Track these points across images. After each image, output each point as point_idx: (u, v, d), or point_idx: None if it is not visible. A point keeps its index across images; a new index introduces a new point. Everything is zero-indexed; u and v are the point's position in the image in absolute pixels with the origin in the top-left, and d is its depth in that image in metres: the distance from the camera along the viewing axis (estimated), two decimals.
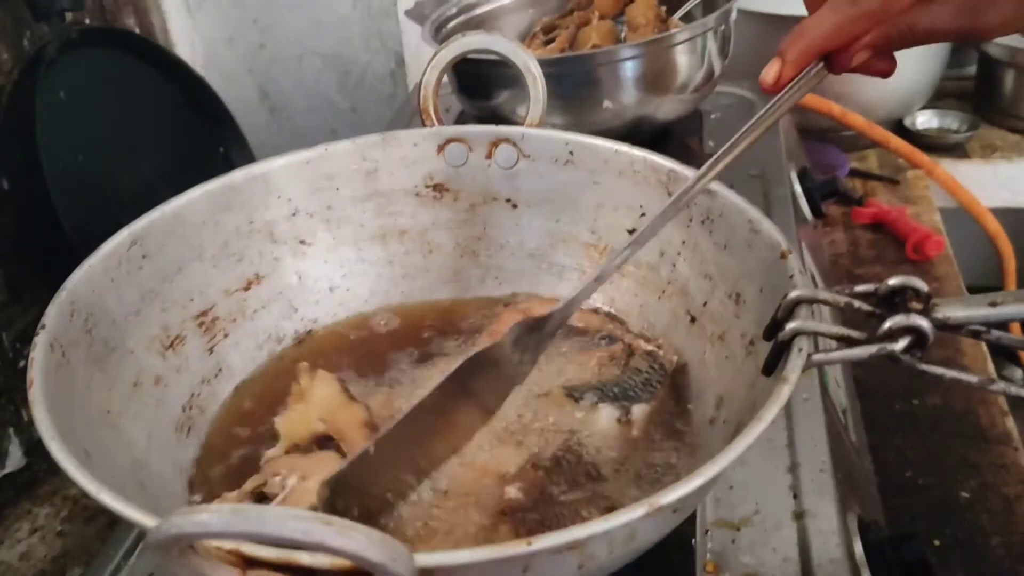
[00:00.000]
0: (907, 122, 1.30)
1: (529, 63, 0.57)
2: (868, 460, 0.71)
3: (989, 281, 1.21)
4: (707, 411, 0.49)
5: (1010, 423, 0.83)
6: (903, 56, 1.33)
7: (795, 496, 0.52)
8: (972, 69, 1.37)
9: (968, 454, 0.80)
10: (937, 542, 0.73)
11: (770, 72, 0.48)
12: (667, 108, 0.82)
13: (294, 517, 0.26)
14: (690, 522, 0.50)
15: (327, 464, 0.46)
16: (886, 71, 0.49)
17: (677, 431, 0.50)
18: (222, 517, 0.26)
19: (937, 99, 1.34)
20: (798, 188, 0.88)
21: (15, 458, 0.86)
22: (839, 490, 0.53)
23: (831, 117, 1.16)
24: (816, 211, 0.88)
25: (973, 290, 1.05)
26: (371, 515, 0.43)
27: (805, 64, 0.47)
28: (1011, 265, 1.24)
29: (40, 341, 0.42)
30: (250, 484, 0.47)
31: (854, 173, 1.23)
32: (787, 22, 1.17)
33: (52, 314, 0.44)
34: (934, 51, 1.26)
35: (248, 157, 1.11)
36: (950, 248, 1.09)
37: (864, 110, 1.19)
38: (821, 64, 0.47)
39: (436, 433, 0.47)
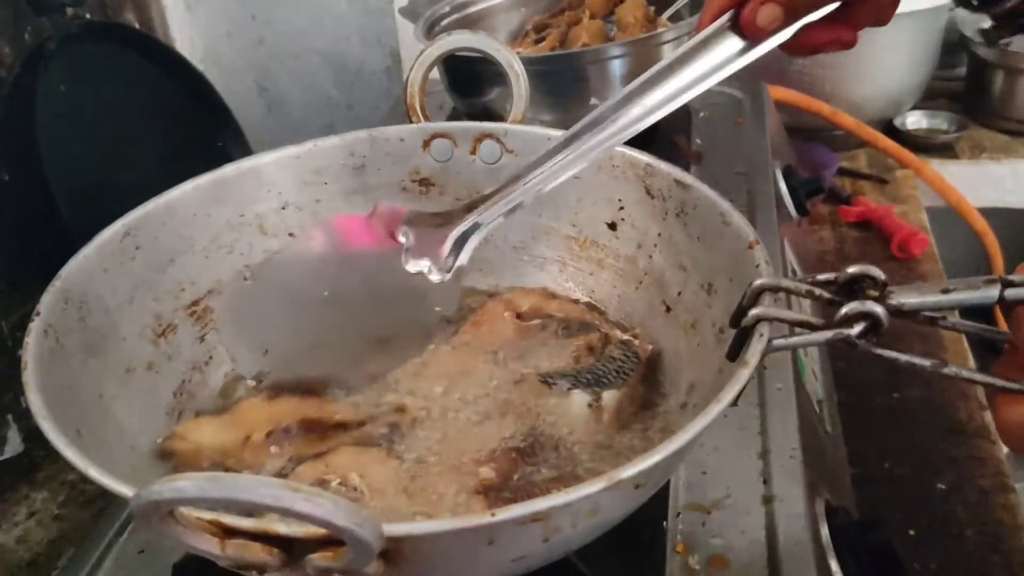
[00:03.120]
0: (897, 122, 1.31)
1: (512, 61, 0.59)
2: (842, 450, 0.73)
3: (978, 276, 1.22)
4: (679, 396, 0.51)
5: (987, 417, 0.84)
6: (893, 56, 1.35)
7: (765, 481, 0.54)
8: (962, 70, 1.39)
9: (946, 447, 0.82)
10: (912, 532, 0.74)
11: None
12: None
13: (264, 484, 0.28)
14: (662, 505, 0.52)
15: (361, 457, 0.48)
16: (823, 42, 0.49)
17: (649, 415, 0.51)
18: (197, 484, 0.28)
19: (927, 100, 1.35)
20: (783, 186, 0.89)
21: (14, 444, 0.88)
22: (807, 476, 0.54)
23: (821, 117, 1.18)
24: (800, 209, 0.90)
25: None
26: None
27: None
28: (998, 262, 1.26)
29: (35, 327, 0.44)
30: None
31: (843, 172, 1.24)
32: None
33: (47, 302, 0.46)
34: (925, 51, 1.28)
35: (245, 151, 1.12)
36: (935, 246, 1.11)
37: (854, 110, 1.21)
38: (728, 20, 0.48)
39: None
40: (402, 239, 0.52)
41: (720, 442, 0.57)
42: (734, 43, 0.49)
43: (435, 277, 0.52)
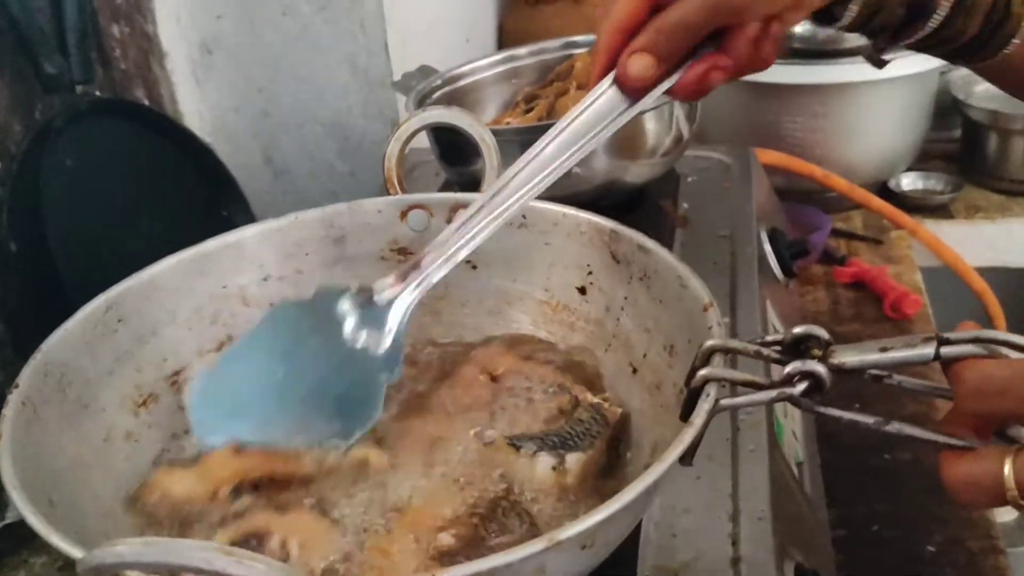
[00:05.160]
0: (892, 184, 1.33)
1: (484, 135, 0.61)
2: (823, 512, 0.73)
3: None
4: (643, 458, 0.52)
5: None
6: (886, 118, 1.37)
7: (733, 543, 0.54)
8: (957, 132, 1.41)
9: (936, 509, 0.81)
10: None
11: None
12: (637, 172, 0.86)
13: (197, 548, 0.29)
14: (630, 566, 0.53)
15: (312, 527, 0.49)
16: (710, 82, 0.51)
17: (614, 477, 0.52)
18: (134, 548, 0.29)
19: (922, 161, 1.37)
20: (768, 248, 0.90)
21: (15, 509, 0.89)
22: (777, 538, 0.55)
23: (813, 180, 1.19)
24: (786, 271, 0.91)
25: None
26: None
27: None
28: (1000, 322, 1.26)
29: (13, 399, 0.46)
30: (223, 538, 0.48)
31: (838, 233, 1.26)
32: (756, 88, 1.22)
33: (27, 374, 0.48)
34: (917, 115, 1.30)
35: (250, 219, 1.15)
36: (930, 307, 1.11)
37: (848, 172, 1.23)
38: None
39: None
40: (342, 317, 0.53)
41: (691, 504, 0.57)
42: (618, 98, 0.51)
43: (377, 350, 0.53)
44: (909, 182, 1.35)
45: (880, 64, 0.59)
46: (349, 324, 0.52)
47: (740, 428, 0.62)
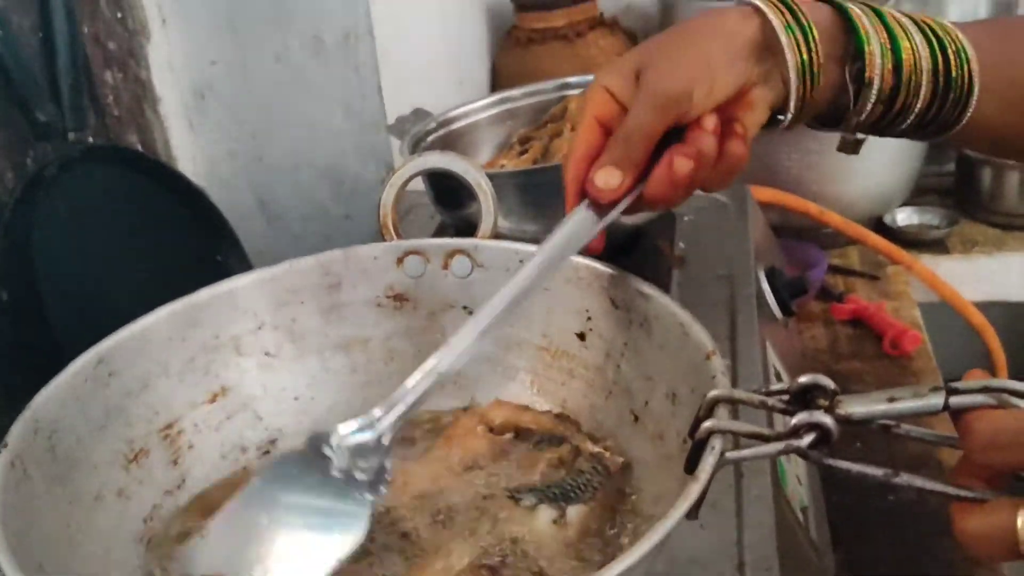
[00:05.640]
0: (887, 219, 1.33)
1: (480, 179, 0.61)
2: (829, 557, 0.72)
3: None
4: (646, 508, 0.51)
5: None
6: (880, 154, 1.37)
7: None
8: (951, 166, 1.41)
9: (942, 551, 0.80)
10: None
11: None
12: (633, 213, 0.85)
13: None
14: None
15: None
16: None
17: (617, 529, 0.51)
18: None
19: (917, 196, 1.37)
20: (766, 287, 0.90)
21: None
22: None
23: (808, 216, 1.19)
24: (786, 310, 0.90)
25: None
26: None
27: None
28: (1000, 356, 1.25)
29: (1, 460, 0.45)
30: None
31: (834, 269, 1.25)
32: None
33: (15, 433, 0.47)
34: (911, 149, 1.30)
35: (245, 264, 1.14)
36: (929, 343, 1.11)
37: (843, 208, 1.23)
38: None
39: None
40: (331, 456, 0.49)
41: (697, 554, 0.56)
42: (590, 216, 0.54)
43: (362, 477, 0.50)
44: (904, 217, 1.35)
45: (855, 149, 0.60)
46: (338, 465, 0.50)
47: (744, 474, 0.61)
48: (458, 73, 1.51)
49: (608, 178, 0.52)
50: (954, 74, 0.54)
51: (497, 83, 1.60)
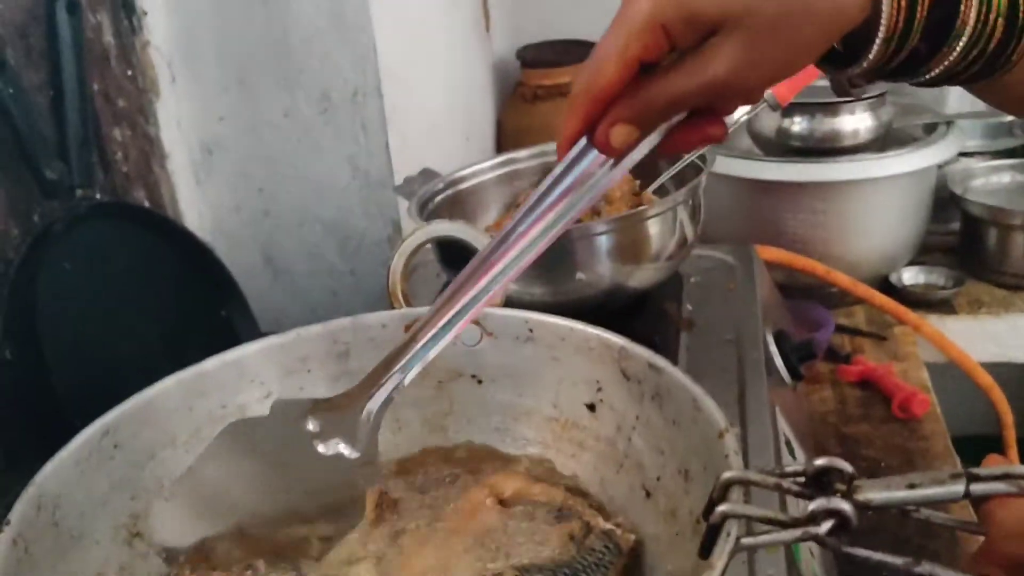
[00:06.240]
0: (893, 278, 1.32)
1: None
2: None
3: (982, 431, 1.21)
4: None
5: None
6: (886, 213, 1.37)
7: None
8: (956, 225, 1.41)
9: None
10: None
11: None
12: (641, 276, 0.85)
13: None
14: None
15: None
16: (692, 141, 0.47)
17: None
18: None
19: (923, 254, 1.37)
20: (774, 350, 0.89)
21: None
22: None
23: (815, 276, 1.19)
24: (794, 374, 0.90)
25: (963, 444, 1.05)
26: None
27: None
28: (1008, 418, 1.24)
29: (3, 538, 0.44)
30: None
31: (841, 329, 1.25)
32: (757, 185, 1.23)
33: (19, 510, 0.46)
34: (917, 210, 1.30)
35: (249, 319, 1.14)
36: (937, 404, 1.10)
37: (849, 267, 1.23)
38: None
39: None
40: (310, 427, 0.51)
41: None
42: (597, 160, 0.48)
43: (352, 454, 0.51)
44: (911, 276, 1.35)
45: (847, 92, 0.54)
46: (316, 434, 0.51)
47: (758, 550, 0.60)
48: (464, 129, 1.52)
49: (626, 135, 0.45)
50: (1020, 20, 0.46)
51: (502, 139, 1.61)
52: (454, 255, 0.88)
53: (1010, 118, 1.53)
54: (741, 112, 1.17)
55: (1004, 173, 1.43)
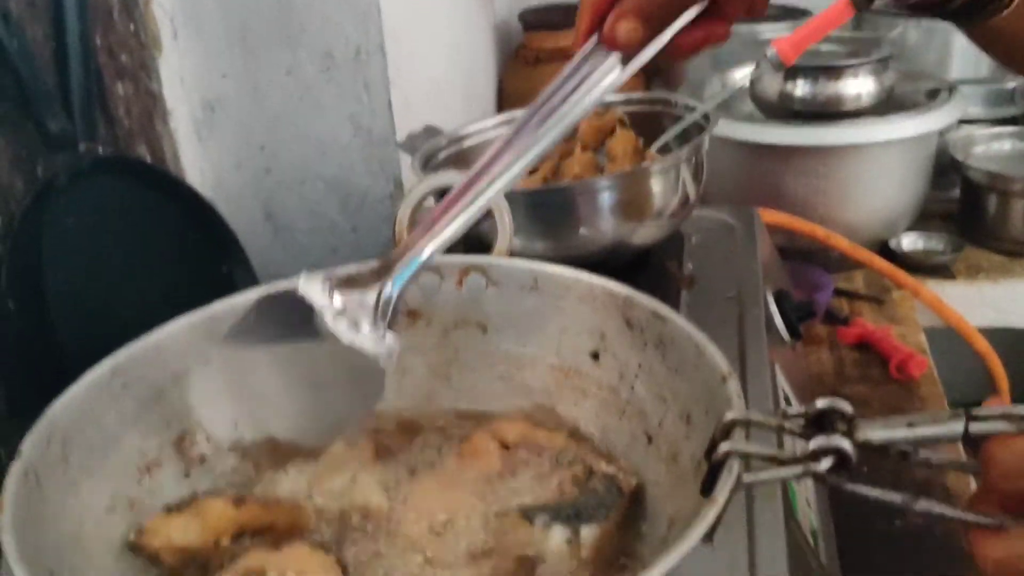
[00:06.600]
0: (892, 244, 1.33)
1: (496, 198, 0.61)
2: None
3: (978, 397, 1.21)
4: (659, 531, 0.51)
5: None
6: (887, 179, 1.37)
7: None
8: (956, 192, 1.41)
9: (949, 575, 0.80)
10: None
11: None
12: (643, 233, 0.86)
13: None
14: None
15: (309, 560, 0.49)
16: (697, 41, 0.49)
17: (628, 552, 0.51)
18: None
19: (922, 221, 1.37)
20: (775, 309, 0.90)
21: None
22: None
23: (815, 239, 1.19)
24: (793, 332, 0.90)
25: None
26: None
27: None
28: (1003, 383, 1.25)
29: (15, 469, 0.45)
30: None
31: (840, 293, 1.25)
32: (759, 149, 1.23)
33: (29, 442, 0.47)
34: (917, 175, 1.30)
35: (251, 276, 1.15)
36: (934, 368, 1.11)
37: (849, 232, 1.23)
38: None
39: None
40: (335, 303, 0.51)
41: None
42: (610, 60, 0.49)
43: (373, 332, 0.51)
44: (910, 242, 1.35)
45: (868, 5, 0.55)
46: (337, 312, 0.51)
47: (755, 497, 0.61)
48: (466, 91, 1.51)
49: (630, 30, 0.47)
50: None
51: (504, 102, 1.61)
52: None
53: (1012, 85, 1.53)
54: (744, 74, 1.17)
55: (1005, 140, 1.43)
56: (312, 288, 0.52)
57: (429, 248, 0.51)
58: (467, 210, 0.51)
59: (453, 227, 0.51)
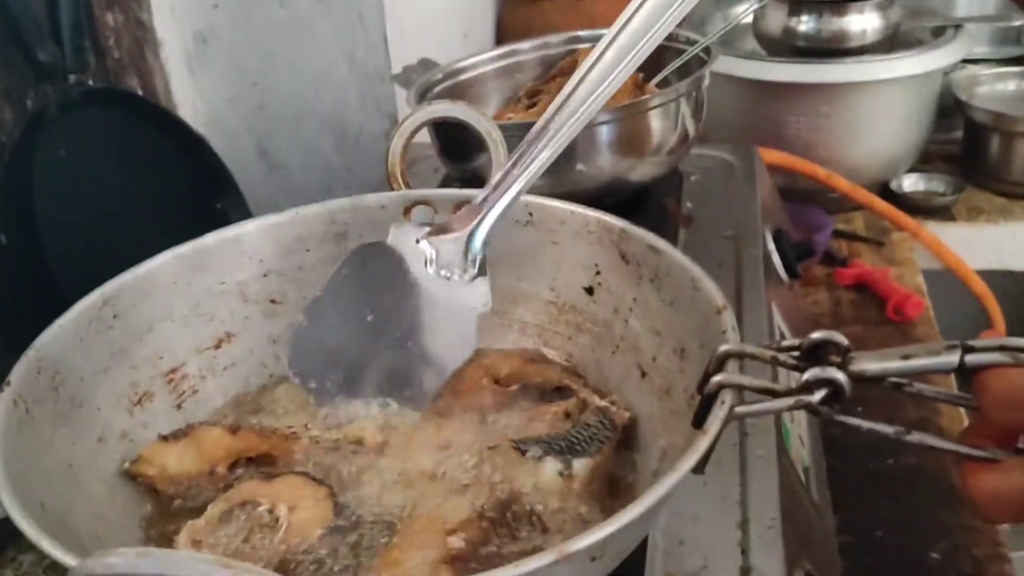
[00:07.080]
0: (893, 185, 1.32)
1: (491, 130, 0.60)
2: (830, 519, 0.72)
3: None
4: (651, 464, 0.51)
5: None
6: (889, 120, 1.36)
7: (743, 551, 0.53)
8: (959, 133, 1.40)
9: (940, 515, 0.80)
10: None
11: None
12: (642, 170, 0.84)
13: (193, 560, 0.28)
14: (637, 574, 0.51)
15: (302, 490, 0.49)
16: None
17: (623, 483, 0.51)
18: (128, 559, 0.28)
19: (924, 162, 1.36)
20: (773, 249, 0.89)
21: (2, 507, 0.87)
22: (787, 547, 0.54)
23: (815, 180, 1.18)
24: (791, 272, 0.90)
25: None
26: None
27: None
28: (1000, 325, 1.25)
29: (3, 397, 0.44)
30: (215, 510, 0.48)
31: (839, 234, 1.25)
32: (760, 86, 1.21)
33: (18, 372, 0.46)
34: (920, 115, 1.29)
35: (244, 212, 1.13)
36: (932, 310, 1.10)
37: (850, 173, 1.22)
38: None
39: None
40: (426, 251, 0.56)
41: (699, 511, 0.56)
42: None
43: (465, 277, 0.55)
44: (911, 183, 1.34)
45: None
46: (431, 260, 0.55)
47: (748, 433, 0.61)
48: (463, 26, 1.49)
49: None
50: None
51: (502, 38, 1.58)
52: (453, 143, 0.87)
53: (1018, 23, 1.50)
54: (747, 6, 1.15)
55: (1009, 80, 1.42)
56: (403, 239, 0.55)
57: (516, 187, 0.53)
58: (552, 142, 0.52)
59: (537, 163, 0.53)
